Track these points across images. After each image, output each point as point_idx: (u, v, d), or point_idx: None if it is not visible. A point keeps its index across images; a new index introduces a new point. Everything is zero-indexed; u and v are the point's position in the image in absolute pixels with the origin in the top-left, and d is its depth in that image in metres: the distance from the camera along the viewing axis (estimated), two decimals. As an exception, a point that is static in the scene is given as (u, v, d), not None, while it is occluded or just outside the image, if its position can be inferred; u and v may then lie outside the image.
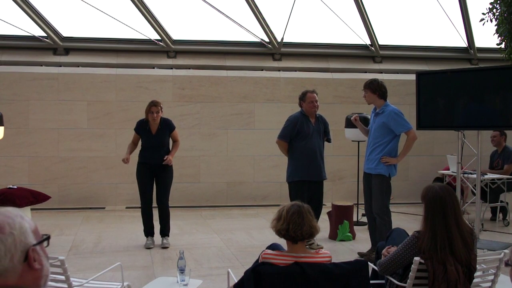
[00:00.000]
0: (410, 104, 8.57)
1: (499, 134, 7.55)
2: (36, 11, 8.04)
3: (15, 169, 7.99)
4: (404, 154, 5.41)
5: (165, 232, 5.94)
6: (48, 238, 1.44)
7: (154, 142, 5.83)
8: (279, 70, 8.99)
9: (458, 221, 3.02)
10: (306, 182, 5.81)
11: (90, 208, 8.03)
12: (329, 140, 6.14)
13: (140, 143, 5.99)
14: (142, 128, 5.90)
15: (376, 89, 5.40)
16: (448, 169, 7.72)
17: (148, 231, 5.92)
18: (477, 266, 3.10)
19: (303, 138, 5.83)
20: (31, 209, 6.20)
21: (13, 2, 7.78)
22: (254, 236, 6.47)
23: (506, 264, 1.78)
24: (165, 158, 5.77)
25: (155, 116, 5.77)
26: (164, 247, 5.79)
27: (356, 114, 5.90)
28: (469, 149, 6.38)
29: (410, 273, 3.03)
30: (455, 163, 6.53)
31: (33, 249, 1.38)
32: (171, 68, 8.70)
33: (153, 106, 5.78)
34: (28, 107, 8.05)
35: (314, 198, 5.82)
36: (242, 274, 2.74)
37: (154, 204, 5.94)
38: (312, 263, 2.74)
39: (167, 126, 5.93)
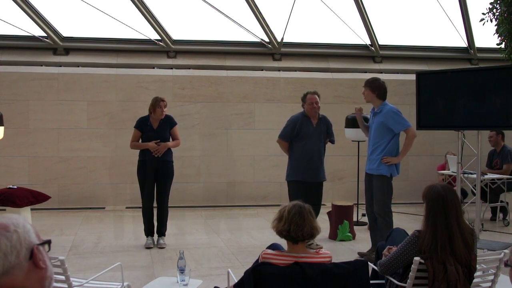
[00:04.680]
0: (410, 104, 8.56)
1: (495, 133, 7.55)
2: (36, 11, 8.04)
3: (15, 169, 7.99)
4: (404, 153, 5.41)
5: (162, 232, 5.94)
6: (49, 241, 1.45)
7: (155, 137, 5.81)
8: (279, 70, 8.99)
9: (459, 221, 3.02)
10: (302, 182, 5.82)
11: (90, 208, 8.03)
12: (332, 142, 6.14)
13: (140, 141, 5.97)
14: (143, 124, 5.89)
15: (375, 89, 5.40)
16: (444, 167, 7.73)
17: (149, 231, 5.92)
18: (477, 266, 3.10)
19: (302, 138, 5.84)
20: (31, 209, 6.20)
21: (13, 2, 7.78)
22: (254, 236, 6.47)
23: (506, 265, 1.78)
24: (157, 142, 5.71)
25: (164, 110, 5.80)
26: (161, 247, 5.78)
27: (360, 106, 5.88)
28: (469, 149, 6.38)
29: (410, 273, 3.02)
30: (455, 163, 6.53)
31: (37, 247, 1.39)
32: (171, 68, 8.70)
33: (161, 101, 5.82)
34: (28, 107, 8.05)
35: (311, 199, 5.83)
36: (242, 274, 2.74)
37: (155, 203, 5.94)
38: (312, 263, 2.74)
39: (168, 121, 5.92)
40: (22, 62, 8.32)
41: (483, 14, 7.46)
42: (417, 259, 2.97)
